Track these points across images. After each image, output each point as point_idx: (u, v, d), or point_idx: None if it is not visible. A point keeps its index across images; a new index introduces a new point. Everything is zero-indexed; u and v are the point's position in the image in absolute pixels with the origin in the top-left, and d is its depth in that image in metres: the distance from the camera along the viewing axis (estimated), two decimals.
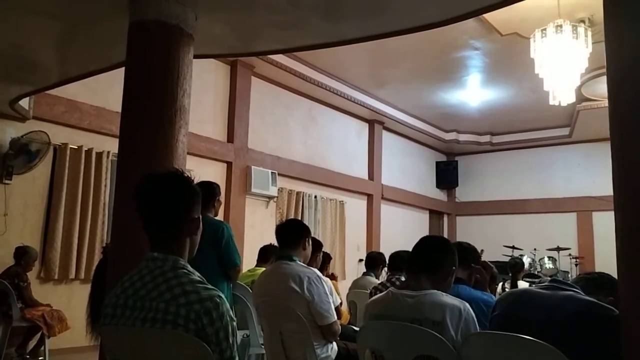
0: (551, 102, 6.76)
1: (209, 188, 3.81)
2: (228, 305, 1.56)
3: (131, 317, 1.56)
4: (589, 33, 6.07)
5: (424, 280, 2.23)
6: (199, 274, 1.63)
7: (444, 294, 2.17)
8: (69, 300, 5.87)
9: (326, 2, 3.18)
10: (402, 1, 3.10)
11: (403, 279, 3.98)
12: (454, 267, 2.34)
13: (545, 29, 6.13)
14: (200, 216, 1.72)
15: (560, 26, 6.01)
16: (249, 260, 5.80)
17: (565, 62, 6.16)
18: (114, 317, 1.59)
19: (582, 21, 6.51)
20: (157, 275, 1.58)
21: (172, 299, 1.52)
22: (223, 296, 1.56)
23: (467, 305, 2.13)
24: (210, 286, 1.58)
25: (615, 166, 1.84)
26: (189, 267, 1.64)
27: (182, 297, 1.52)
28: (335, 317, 3.08)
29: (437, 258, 2.31)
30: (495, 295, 3.66)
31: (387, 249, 5.81)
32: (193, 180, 1.71)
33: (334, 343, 3.15)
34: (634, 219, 1.73)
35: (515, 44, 7.44)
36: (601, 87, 8.22)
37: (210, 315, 1.50)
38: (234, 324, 1.57)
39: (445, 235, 13.39)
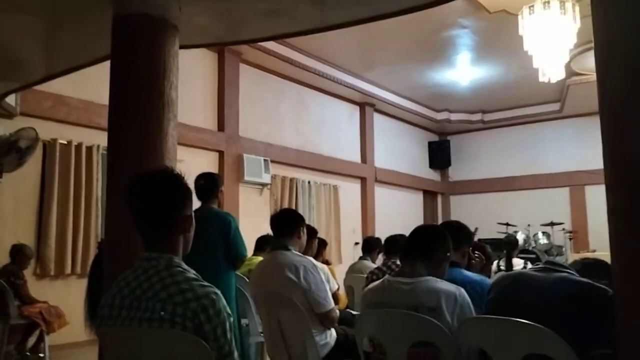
0: (541, 79, 6.75)
1: (211, 179, 3.79)
2: (225, 302, 1.56)
3: (127, 318, 1.56)
4: (577, 8, 6.05)
5: (419, 266, 2.25)
6: (194, 272, 1.62)
7: (438, 280, 2.18)
8: (66, 296, 5.86)
9: None
10: None
11: (398, 262, 4.00)
12: (448, 254, 2.35)
13: (532, 5, 6.10)
14: (193, 213, 1.71)
15: (548, 2, 5.99)
16: None
17: (554, 38, 6.15)
18: (110, 317, 1.59)
19: None
20: (152, 275, 1.58)
21: (168, 298, 1.52)
22: (219, 292, 1.56)
23: (462, 290, 2.14)
24: (206, 283, 1.57)
25: (605, 144, 1.84)
26: (184, 265, 1.63)
27: (178, 295, 1.52)
28: (333, 304, 3.10)
29: (432, 247, 2.32)
30: (490, 274, 3.66)
31: (382, 231, 5.83)
32: (184, 177, 1.70)
33: (333, 330, 3.17)
34: (626, 197, 1.73)
35: (503, 21, 7.39)
36: (590, 61, 8.08)
37: (207, 312, 1.50)
38: (232, 319, 1.58)
39: (440, 215, 13.47)
